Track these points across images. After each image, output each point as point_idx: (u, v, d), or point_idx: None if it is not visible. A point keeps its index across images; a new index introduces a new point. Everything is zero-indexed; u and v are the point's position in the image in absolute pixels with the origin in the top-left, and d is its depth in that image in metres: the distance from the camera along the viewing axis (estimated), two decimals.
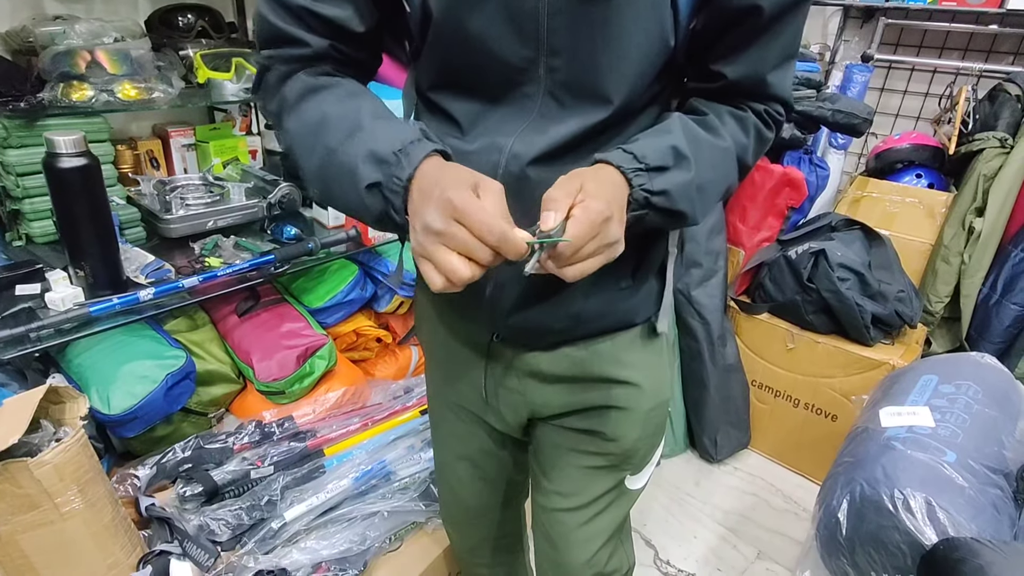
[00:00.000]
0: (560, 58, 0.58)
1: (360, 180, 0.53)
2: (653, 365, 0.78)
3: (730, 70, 0.62)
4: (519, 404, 0.78)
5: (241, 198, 1.40)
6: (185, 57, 1.42)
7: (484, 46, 0.58)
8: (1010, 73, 1.99)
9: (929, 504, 0.90)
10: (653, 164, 0.57)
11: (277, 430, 1.19)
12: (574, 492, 0.83)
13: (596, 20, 0.56)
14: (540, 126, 0.60)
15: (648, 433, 0.80)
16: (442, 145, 0.55)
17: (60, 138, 0.98)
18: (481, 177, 0.51)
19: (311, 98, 0.61)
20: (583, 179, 0.54)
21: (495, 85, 0.61)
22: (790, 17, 0.60)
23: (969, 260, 1.90)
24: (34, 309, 1.03)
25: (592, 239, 0.51)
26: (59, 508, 0.88)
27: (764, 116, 0.66)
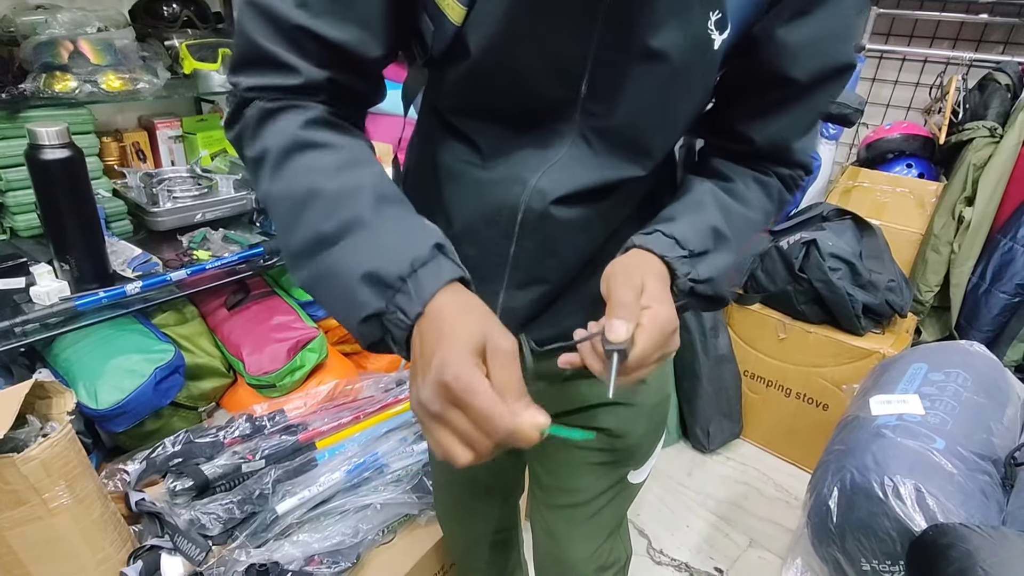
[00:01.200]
0: (601, 104, 0.54)
1: (357, 307, 0.45)
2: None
3: (758, 134, 0.59)
4: None
5: (230, 190, 1.38)
6: (171, 47, 1.40)
7: (522, 83, 0.54)
8: (1000, 62, 2.00)
9: (918, 491, 0.91)
10: (697, 250, 0.54)
11: (268, 424, 1.18)
12: (577, 489, 0.82)
13: (650, 81, 0.52)
14: (569, 165, 0.57)
15: (652, 428, 0.80)
16: (461, 269, 0.46)
17: (42, 129, 0.96)
18: (492, 332, 0.43)
19: (299, 158, 0.50)
20: (643, 276, 0.49)
21: (525, 117, 0.57)
22: (826, 88, 0.57)
23: (959, 249, 1.91)
24: (19, 303, 1.01)
25: (658, 350, 0.47)
26: (47, 504, 0.87)
27: (788, 181, 0.64)
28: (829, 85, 0.57)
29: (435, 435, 0.42)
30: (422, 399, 0.41)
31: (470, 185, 0.60)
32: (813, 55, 0.54)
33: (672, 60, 0.51)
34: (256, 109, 0.51)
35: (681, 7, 0.49)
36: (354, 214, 0.47)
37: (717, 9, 0.50)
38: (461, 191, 0.61)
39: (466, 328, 0.42)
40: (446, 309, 0.43)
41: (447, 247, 0.48)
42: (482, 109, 0.58)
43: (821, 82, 0.56)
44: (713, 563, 1.60)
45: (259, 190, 0.53)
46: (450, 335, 0.42)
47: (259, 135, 0.51)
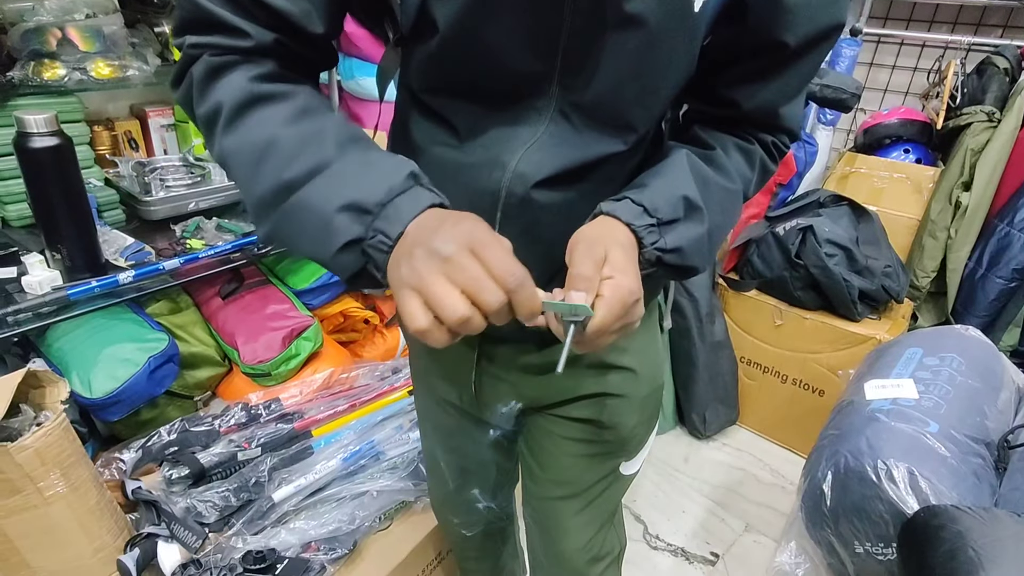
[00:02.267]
0: (578, 77, 0.53)
1: (335, 235, 0.44)
2: (648, 350, 0.76)
3: (744, 99, 0.58)
4: (511, 397, 0.76)
5: (223, 179, 1.37)
6: (160, 33, 1.39)
7: (495, 57, 0.52)
8: (998, 46, 1.99)
9: (911, 474, 0.91)
10: (665, 218, 0.52)
11: (264, 412, 1.18)
12: (569, 481, 0.81)
13: (628, 49, 0.50)
14: (549, 145, 0.55)
15: (644, 419, 0.79)
16: (439, 196, 0.47)
17: (31, 117, 0.95)
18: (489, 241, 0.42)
19: (254, 112, 0.49)
20: (606, 246, 0.48)
21: (500, 95, 0.55)
22: (815, 51, 0.56)
23: (955, 235, 1.91)
24: (11, 293, 1.01)
25: (618, 320, 0.46)
26: (42, 492, 0.87)
27: (771, 148, 0.63)
28: (820, 47, 0.55)
29: (434, 286, 0.40)
30: (435, 246, 0.40)
31: (449, 170, 0.58)
32: (808, 18, 0.52)
33: (650, 26, 0.49)
34: (204, 65, 0.50)
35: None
36: (320, 158, 0.46)
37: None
38: (440, 177, 0.58)
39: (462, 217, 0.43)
40: (434, 218, 0.43)
41: (423, 177, 0.47)
42: (455, 87, 0.56)
43: (812, 44, 0.54)
44: (709, 548, 1.61)
45: (214, 147, 0.52)
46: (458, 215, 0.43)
47: (209, 91, 0.50)
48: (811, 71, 0.58)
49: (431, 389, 0.85)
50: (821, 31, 0.54)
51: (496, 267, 0.40)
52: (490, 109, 0.56)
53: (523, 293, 0.41)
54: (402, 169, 0.46)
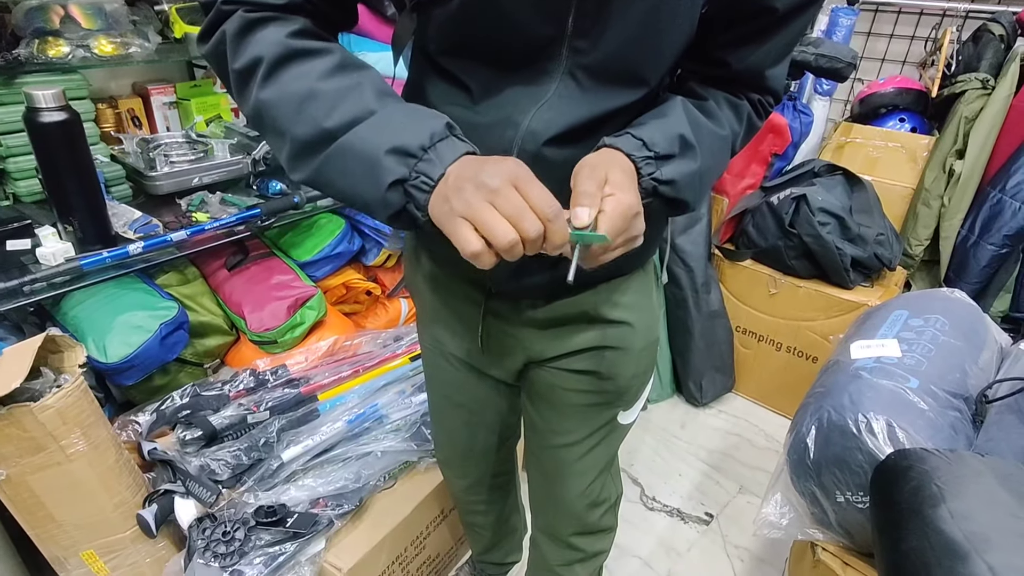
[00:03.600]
0: (587, 40, 0.56)
1: (382, 175, 0.48)
2: (644, 306, 0.80)
3: (735, 60, 0.62)
4: (516, 351, 0.80)
5: (225, 155, 1.40)
6: (160, 12, 1.41)
7: (508, 20, 0.56)
8: (995, 12, 1.98)
9: (890, 425, 0.96)
10: (662, 152, 0.56)
11: (271, 378, 1.23)
12: (570, 429, 0.86)
13: (635, 14, 0.54)
14: (558, 105, 0.59)
15: (641, 370, 0.83)
16: (472, 146, 0.51)
17: (39, 92, 0.98)
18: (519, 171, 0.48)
19: (293, 65, 0.53)
20: (607, 169, 0.52)
21: (513, 57, 0.59)
22: (800, 16, 0.60)
23: (949, 202, 1.93)
24: (26, 264, 1.05)
25: (621, 233, 0.51)
26: (64, 450, 0.92)
27: (757, 106, 0.68)
28: (804, 12, 0.60)
29: (484, 215, 0.45)
30: (483, 179, 0.45)
31: (463, 129, 0.60)
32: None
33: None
34: (238, 20, 0.54)
35: None
36: (362, 107, 0.51)
37: None
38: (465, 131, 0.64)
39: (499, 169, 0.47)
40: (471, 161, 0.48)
41: (457, 128, 0.53)
42: (470, 49, 0.59)
43: (798, 10, 0.59)
44: (704, 508, 1.66)
45: (250, 98, 0.55)
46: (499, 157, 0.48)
47: (245, 45, 0.54)
48: (795, 36, 0.63)
49: (438, 345, 0.89)
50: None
51: (536, 200, 0.46)
52: (503, 71, 0.59)
53: (557, 223, 0.46)
54: (440, 119, 0.51)
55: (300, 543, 1.02)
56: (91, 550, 1.01)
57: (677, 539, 1.57)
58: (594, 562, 1.00)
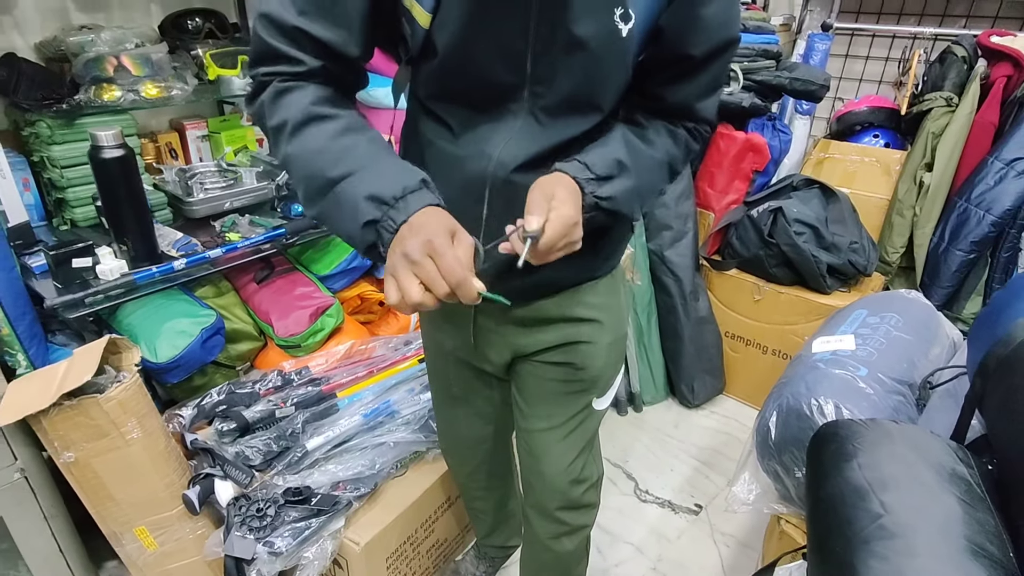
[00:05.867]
0: (543, 86, 0.71)
1: (360, 215, 0.61)
2: (612, 306, 0.95)
3: (668, 95, 0.77)
4: (503, 347, 0.95)
5: (252, 181, 1.58)
6: (195, 56, 1.59)
7: (480, 72, 0.71)
8: (959, 35, 2.13)
9: (838, 408, 1.09)
10: (602, 174, 0.70)
11: (296, 377, 1.39)
12: (551, 414, 0.99)
13: (577, 65, 0.69)
14: (522, 139, 0.73)
15: (611, 362, 0.98)
16: (437, 198, 0.63)
17: (101, 132, 1.16)
18: (459, 228, 0.61)
19: (311, 128, 0.66)
20: (554, 187, 0.66)
21: (484, 100, 0.73)
22: (720, 58, 0.74)
23: (920, 212, 2.06)
24: (87, 279, 1.22)
25: (562, 238, 0.65)
26: (123, 436, 1.08)
27: (693, 132, 0.81)
28: (720, 57, 0.74)
29: (403, 278, 0.58)
30: (407, 250, 0.58)
31: (448, 160, 0.77)
32: (706, 36, 0.71)
33: (591, 47, 0.68)
34: (272, 89, 0.68)
35: (591, 6, 0.66)
36: (355, 164, 0.64)
37: (620, 6, 0.67)
38: (441, 165, 0.78)
39: (443, 221, 0.61)
40: (426, 215, 0.61)
41: (431, 184, 0.65)
42: (450, 95, 0.75)
43: (714, 55, 0.72)
44: (693, 500, 1.78)
45: (280, 152, 0.68)
46: (433, 222, 0.60)
47: (277, 108, 0.67)
48: (718, 75, 0.78)
49: (439, 345, 1.05)
50: (719, 45, 0.73)
51: (445, 270, 0.57)
52: (477, 112, 0.75)
53: (463, 287, 0.58)
54: (416, 176, 0.64)
55: (323, 520, 1.16)
56: (143, 526, 1.16)
57: (668, 528, 1.69)
58: (579, 535, 1.12)
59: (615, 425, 2.07)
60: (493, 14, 0.67)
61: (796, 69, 2.05)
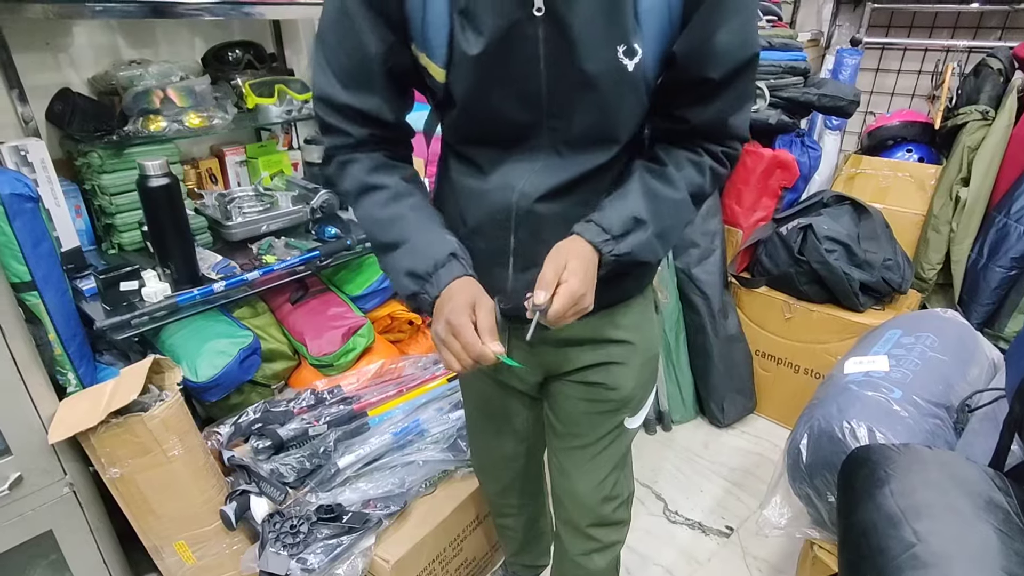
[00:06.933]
0: (561, 121, 0.74)
1: (402, 288, 0.76)
2: (643, 327, 0.96)
3: (692, 116, 0.76)
4: (535, 366, 0.97)
5: (288, 205, 1.63)
6: (235, 86, 1.67)
7: (499, 115, 0.74)
8: (994, 48, 2.10)
9: (871, 431, 1.07)
10: (618, 232, 0.73)
11: (328, 396, 1.42)
12: (583, 432, 1.01)
13: (589, 100, 0.71)
14: (544, 172, 0.77)
15: (642, 382, 0.99)
16: (465, 269, 0.74)
17: (149, 163, 1.22)
18: (479, 296, 0.71)
19: (365, 199, 0.81)
20: (567, 257, 0.71)
21: (507, 139, 0.77)
22: (742, 77, 0.73)
23: (957, 228, 2.02)
24: (133, 301, 1.27)
25: (570, 309, 0.70)
26: (166, 453, 1.12)
27: (720, 157, 0.80)
28: (742, 76, 0.73)
29: (441, 351, 0.71)
30: (437, 330, 0.71)
31: (476, 194, 0.82)
32: (723, 59, 0.70)
33: (600, 83, 0.70)
34: (336, 162, 0.82)
35: (595, 45, 0.68)
36: (399, 234, 0.77)
37: (623, 43, 0.68)
38: (471, 199, 0.83)
39: (464, 295, 0.71)
40: (454, 289, 0.72)
41: (459, 253, 0.75)
42: (475, 138, 0.80)
43: (734, 75, 0.72)
44: (724, 522, 1.76)
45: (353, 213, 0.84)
46: (456, 299, 0.71)
47: (342, 179, 0.82)
48: (743, 92, 0.76)
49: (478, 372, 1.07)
50: (738, 65, 0.72)
51: (465, 346, 0.68)
52: (502, 150, 0.79)
53: (482, 358, 0.68)
54: (446, 248, 0.75)
55: (354, 537, 1.19)
56: (183, 540, 1.20)
57: (698, 550, 1.67)
58: (611, 551, 1.12)
59: (644, 444, 2.05)
60: (505, 62, 0.70)
61: (824, 85, 2.04)
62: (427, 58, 0.73)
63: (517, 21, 0.67)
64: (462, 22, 0.69)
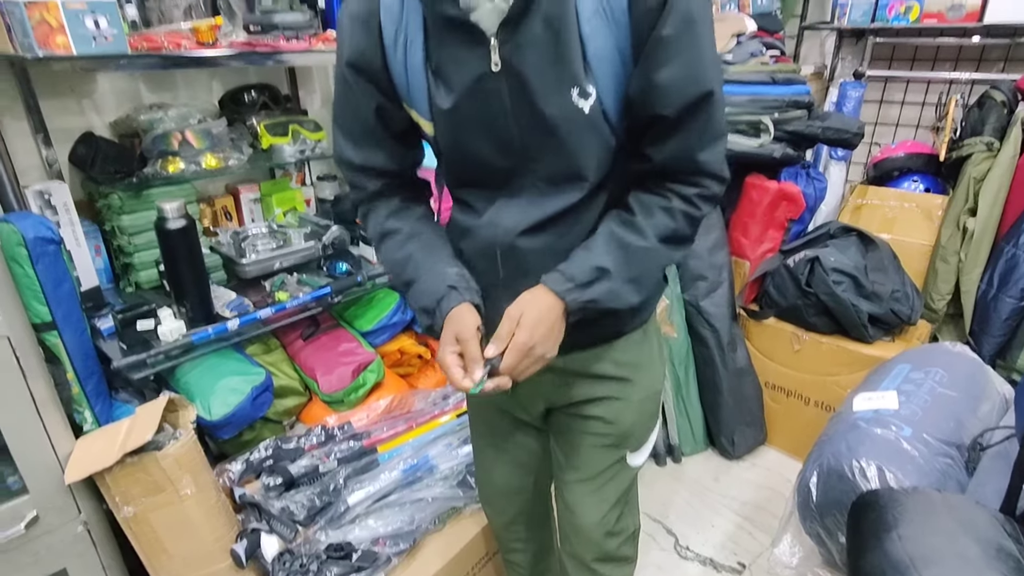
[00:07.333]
0: (537, 162, 0.78)
1: (420, 323, 0.93)
2: (643, 363, 0.97)
3: (656, 154, 0.76)
4: (536, 396, 0.99)
5: (300, 242, 1.66)
6: (250, 126, 1.72)
7: (481, 161, 0.80)
8: (996, 80, 2.12)
9: (881, 470, 1.07)
10: (582, 281, 0.77)
11: (338, 432, 1.43)
12: (585, 467, 1.02)
13: (556, 142, 0.76)
14: (526, 208, 0.81)
15: (643, 418, 1.00)
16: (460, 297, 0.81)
17: (167, 205, 1.26)
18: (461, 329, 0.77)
19: (384, 244, 0.90)
20: (523, 311, 0.76)
21: (495, 182, 0.82)
22: (700, 113, 0.72)
23: (965, 258, 2.02)
24: (149, 340, 1.30)
25: (522, 360, 0.75)
26: (179, 491, 1.14)
27: (692, 200, 0.78)
28: (698, 112, 0.72)
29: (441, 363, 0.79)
30: (438, 355, 0.80)
31: (469, 231, 0.87)
32: (671, 96, 0.70)
33: (560, 125, 0.74)
34: (361, 212, 0.93)
35: (549, 91, 0.72)
36: (412, 273, 0.85)
37: (575, 86, 0.72)
38: (465, 236, 0.89)
39: (449, 327, 0.79)
40: (447, 319, 0.80)
41: (457, 284, 0.81)
42: (467, 181, 0.86)
43: (687, 113, 0.72)
44: (736, 558, 1.73)
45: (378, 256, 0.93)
46: (445, 330, 0.79)
47: (366, 227, 0.92)
48: (708, 128, 0.74)
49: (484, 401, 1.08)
50: (690, 101, 0.71)
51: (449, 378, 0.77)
52: (492, 192, 0.84)
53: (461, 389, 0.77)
54: (444, 282, 0.81)
55: None
56: None
57: None
58: None
59: (654, 477, 2.04)
60: (475, 113, 0.76)
61: (828, 118, 2.06)
62: (416, 114, 0.81)
63: (480, 76, 0.73)
64: (435, 80, 0.76)
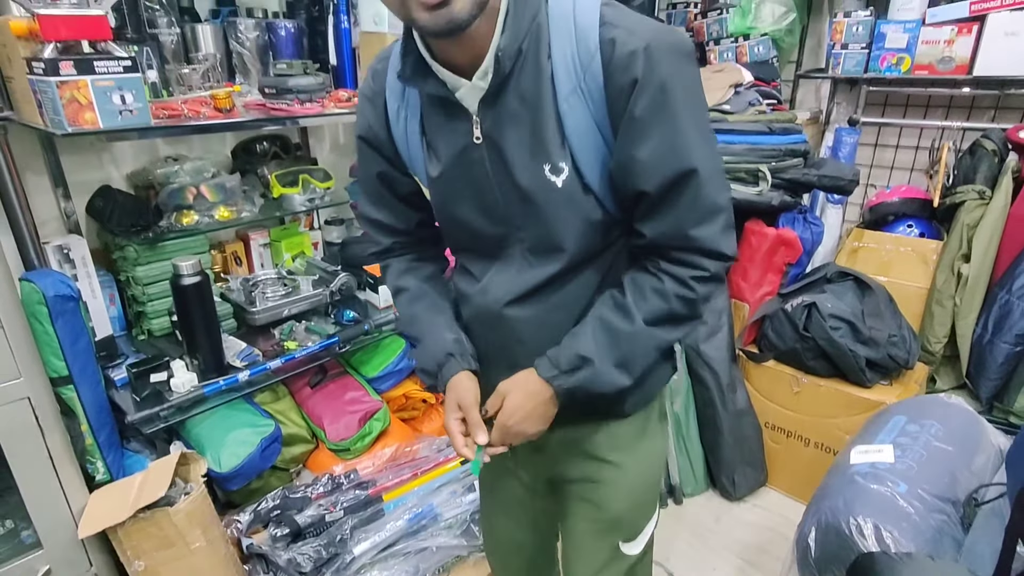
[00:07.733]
0: (523, 231, 0.80)
1: (422, 380, 0.93)
2: (638, 448, 0.95)
3: (647, 230, 0.75)
4: (530, 467, 1.02)
5: (308, 288, 1.70)
6: (261, 176, 1.77)
7: (471, 227, 0.83)
8: (986, 129, 2.17)
9: (877, 528, 1.09)
10: (565, 368, 0.79)
11: (345, 481, 1.46)
12: (579, 548, 1.01)
13: (536, 211, 0.77)
14: (515, 277, 0.82)
15: (635, 506, 0.97)
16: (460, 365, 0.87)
17: (183, 263, 1.30)
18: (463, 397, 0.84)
19: (397, 299, 0.97)
20: (509, 392, 0.82)
21: (486, 247, 0.84)
22: (686, 190, 0.70)
23: (960, 303, 2.05)
24: (161, 392, 1.33)
25: (504, 437, 0.83)
26: (189, 545, 1.16)
27: (687, 282, 0.75)
28: (683, 189, 0.70)
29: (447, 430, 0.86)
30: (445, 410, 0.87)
31: (467, 297, 0.91)
32: (650, 173, 0.69)
33: (535, 196, 0.75)
34: (380, 265, 0.99)
35: (524, 164, 0.74)
36: (417, 332, 0.92)
37: (547, 162, 0.73)
38: (463, 301, 0.93)
39: (452, 395, 0.86)
40: (449, 387, 0.86)
41: (455, 351, 0.87)
42: (463, 247, 0.90)
43: (671, 188, 0.70)
44: None
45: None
46: (448, 397, 0.86)
47: (386, 279, 0.98)
48: (692, 204, 0.71)
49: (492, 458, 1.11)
50: (672, 178, 0.69)
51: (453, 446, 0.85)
52: (488, 259, 0.86)
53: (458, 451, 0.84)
54: (444, 349, 0.87)
55: None
56: None
57: None
58: None
59: None
60: (461, 181, 0.80)
61: (824, 165, 2.11)
62: (418, 180, 0.87)
63: (465, 147, 0.77)
64: (428, 152, 0.82)
